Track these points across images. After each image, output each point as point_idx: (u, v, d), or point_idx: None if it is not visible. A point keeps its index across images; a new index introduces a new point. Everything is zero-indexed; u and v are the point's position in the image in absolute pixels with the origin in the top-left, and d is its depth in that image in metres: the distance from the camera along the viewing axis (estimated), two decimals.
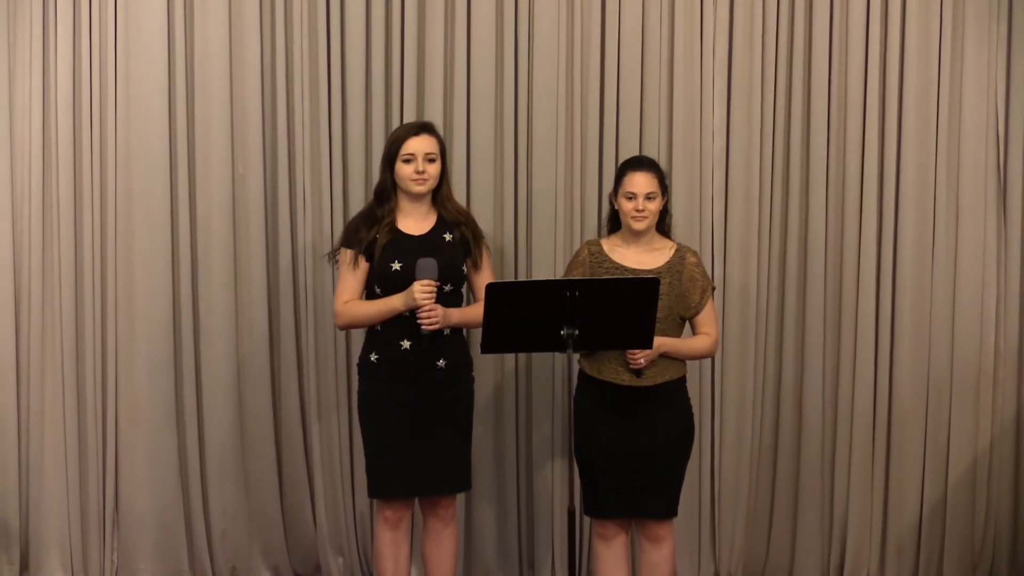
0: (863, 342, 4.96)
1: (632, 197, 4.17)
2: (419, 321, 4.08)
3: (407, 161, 4.17)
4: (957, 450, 5.01)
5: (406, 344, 4.14)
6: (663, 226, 4.31)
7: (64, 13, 4.76)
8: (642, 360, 4.10)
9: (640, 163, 4.26)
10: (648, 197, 4.16)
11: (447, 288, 4.17)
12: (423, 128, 4.24)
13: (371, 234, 4.20)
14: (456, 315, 4.16)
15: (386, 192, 4.24)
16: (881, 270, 4.95)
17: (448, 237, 4.22)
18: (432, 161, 4.18)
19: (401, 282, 4.12)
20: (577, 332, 3.81)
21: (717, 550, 5.03)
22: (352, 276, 4.24)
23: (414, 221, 4.22)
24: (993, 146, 4.94)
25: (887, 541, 5.05)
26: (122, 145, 4.82)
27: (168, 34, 4.80)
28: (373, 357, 4.22)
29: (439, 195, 4.26)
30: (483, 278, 4.21)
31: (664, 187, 4.24)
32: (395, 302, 4.12)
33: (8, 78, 4.80)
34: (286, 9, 4.82)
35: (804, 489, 5.03)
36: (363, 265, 4.22)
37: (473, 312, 4.18)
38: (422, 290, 4.06)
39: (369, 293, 4.25)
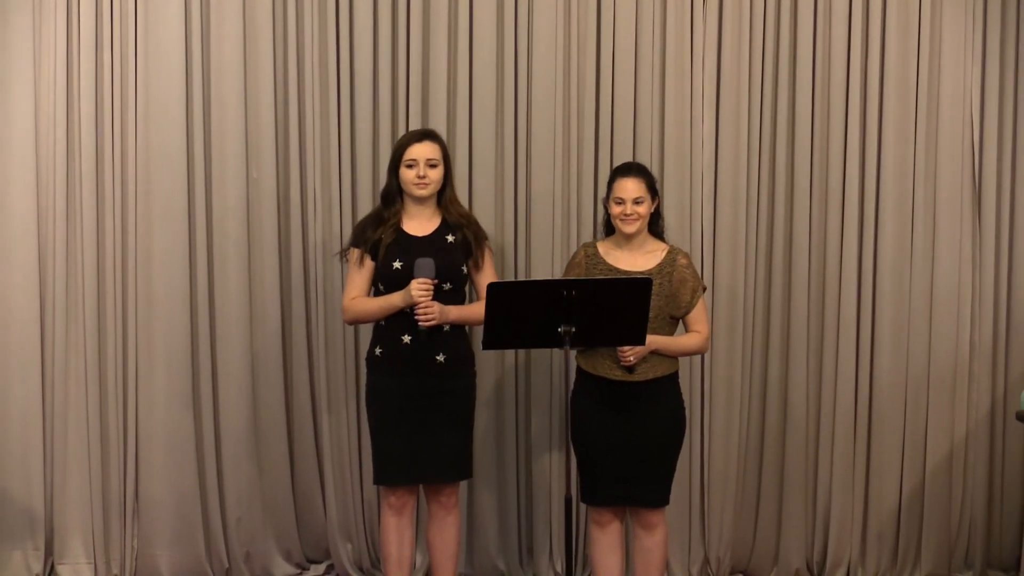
0: (845, 339, 4.98)
1: (621, 202, 4.21)
2: (416, 317, 4.15)
3: (410, 166, 4.23)
4: (934, 442, 5.04)
5: (407, 339, 4.20)
6: (657, 229, 4.33)
7: (87, 28, 4.77)
8: (631, 357, 4.14)
9: (628, 169, 4.29)
10: (636, 201, 4.20)
11: (446, 287, 4.22)
12: (426, 135, 4.29)
13: (377, 234, 4.26)
14: (455, 312, 4.21)
15: (391, 195, 4.30)
16: (862, 270, 4.98)
17: (450, 239, 4.28)
18: (434, 166, 4.24)
19: (401, 280, 4.19)
20: (574, 329, 3.84)
21: (707, 536, 5.05)
22: (358, 274, 4.30)
23: (419, 223, 4.29)
24: (968, 154, 4.99)
25: (868, 528, 5.07)
26: (142, 152, 4.82)
27: (185, 47, 4.80)
28: (378, 351, 4.28)
29: (443, 198, 4.32)
30: (484, 278, 4.26)
31: (654, 191, 4.26)
32: (395, 299, 4.20)
33: (34, 91, 4.80)
34: (298, 23, 4.84)
35: (789, 479, 5.06)
36: (368, 264, 4.28)
37: (472, 310, 4.25)
38: (418, 288, 4.12)
39: (376, 291, 4.31)
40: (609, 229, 4.36)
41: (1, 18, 4.79)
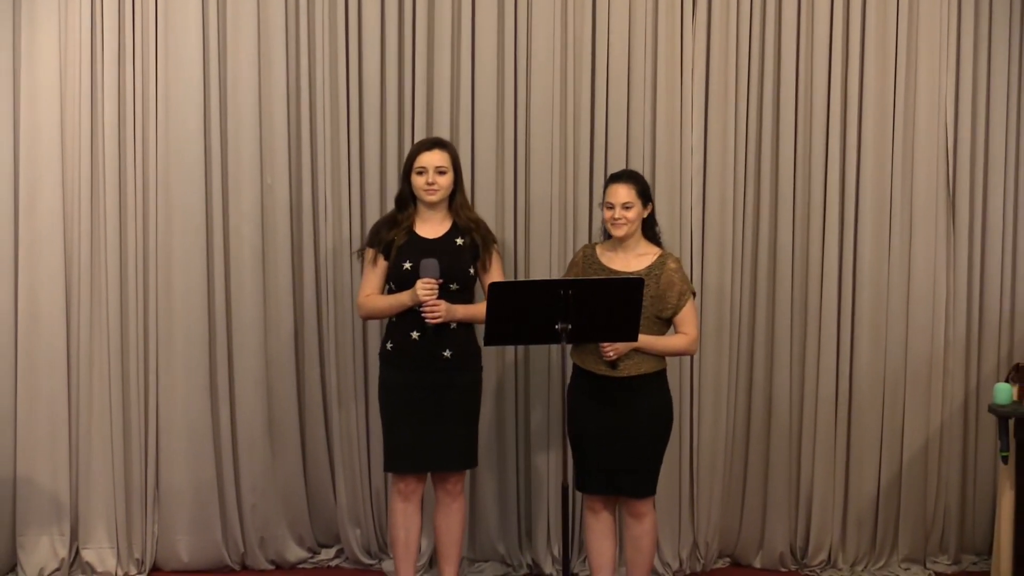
0: (826, 336, 5.09)
1: (611, 206, 4.31)
2: (422, 315, 4.28)
3: (420, 173, 4.38)
4: (911, 432, 5.16)
5: (415, 335, 4.34)
6: (652, 234, 4.42)
7: (110, 43, 4.87)
8: (611, 353, 4.22)
9: (619, 176, 4.37)
10: (625, 206, 4.29)
11: (453, 287, 4.34)
12: (435, 144, 4.43)
13: (390, 235, 4.40)
14: (461, 311, 4.34)
15: (404, 200, 4.46)
16: (842, 271, 5.08)
17: (459, 241, 4.42)
18: (442, 173, 4.37)
19: (410, 280, 4.32)
20: (570, 326, 3.94)
21: (696, 522, 5.16)
22: (373, 272, 4.44)
23: (431, 226, 4.43)
24: (943, 160, 5.10)
25: (848, 514, 5.19)
26: (162, 160, 4.92)
27: (203, 61, 4.91)
28: (389, 345, 4.43)
29: (454, 203, 4.44)
30: (490, 278, 4.39)
31: (646, 197, 4.35)
32: (403, 297, 4.33)
33: (60, 103, 4.88)
34: (309, 39, 4.96)
35: (773, 468, 5.17)
36: (382, 263, 4.42)
37: (478, 309, 4.33)
38: (423, 287, 4.26)
39: (388, 289, 4.44)
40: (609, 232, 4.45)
41: (28, 35, 4.89)
